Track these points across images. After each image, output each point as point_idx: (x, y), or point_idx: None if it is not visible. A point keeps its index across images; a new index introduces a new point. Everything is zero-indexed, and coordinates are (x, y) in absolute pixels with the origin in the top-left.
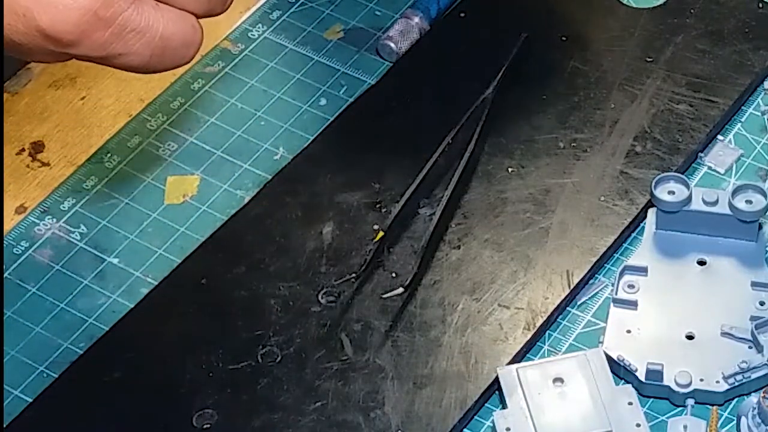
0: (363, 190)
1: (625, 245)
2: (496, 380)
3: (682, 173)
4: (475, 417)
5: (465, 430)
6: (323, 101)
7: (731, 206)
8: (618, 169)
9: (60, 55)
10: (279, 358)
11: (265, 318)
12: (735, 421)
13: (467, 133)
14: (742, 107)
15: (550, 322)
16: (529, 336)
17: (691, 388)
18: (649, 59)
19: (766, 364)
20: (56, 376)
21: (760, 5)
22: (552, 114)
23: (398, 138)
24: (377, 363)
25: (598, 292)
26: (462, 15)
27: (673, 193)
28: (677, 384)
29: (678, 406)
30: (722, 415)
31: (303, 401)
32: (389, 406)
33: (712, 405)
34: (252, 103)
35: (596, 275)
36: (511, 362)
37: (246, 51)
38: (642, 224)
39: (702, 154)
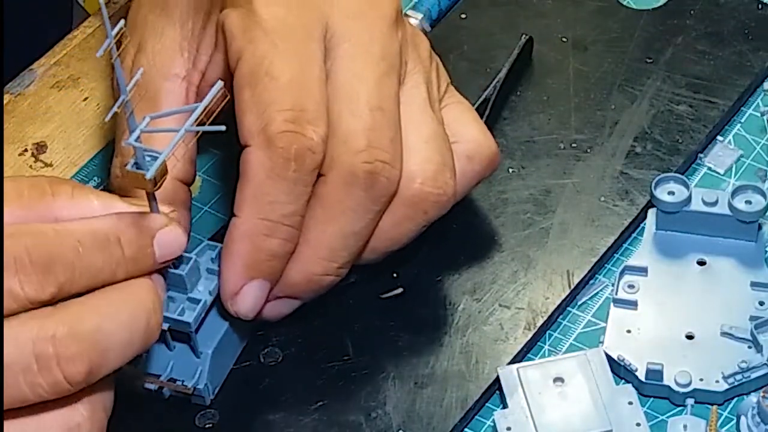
0: None
1: (625, 245)
2: (497, 380)
3: (682, 174)
4: (476, 416)
5: (466, 429)
6: None
7: (731, 207)
8: (618, 170)
9: None
10: (280, 358)
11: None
12: (735, 421)
13: None
14: (742, 108)
15: (551, 322)
16: (529, 336)
17: (690, 388)
18: (649, 60)
19: (765, 364)
20: None
21: (760, 6)
22: (552, 114)
23: None
24: (378, 363)
25: (598, 292)
26: (463, 16)
27: (673, 193)
28: (677, 384)
29: (678, 406)
30: (722, 414)
31: (304, 401)
32: (390, 406)
33: (712, 404)
34: None
35: (596, 275)
36: (512, 362)
37: None
38: (642, 224)
39: (702, 155)
